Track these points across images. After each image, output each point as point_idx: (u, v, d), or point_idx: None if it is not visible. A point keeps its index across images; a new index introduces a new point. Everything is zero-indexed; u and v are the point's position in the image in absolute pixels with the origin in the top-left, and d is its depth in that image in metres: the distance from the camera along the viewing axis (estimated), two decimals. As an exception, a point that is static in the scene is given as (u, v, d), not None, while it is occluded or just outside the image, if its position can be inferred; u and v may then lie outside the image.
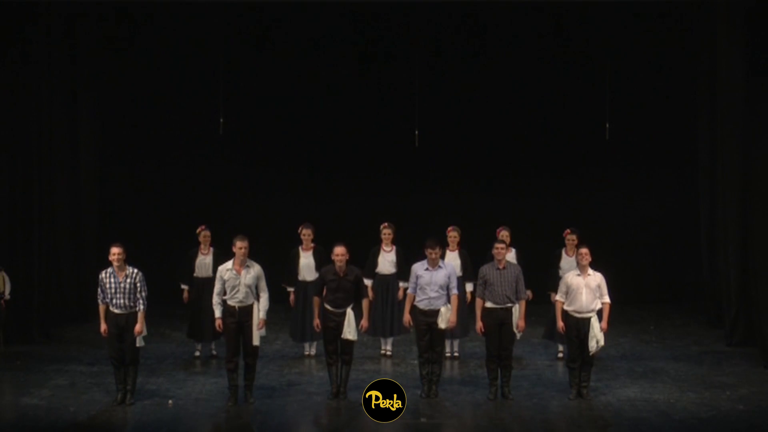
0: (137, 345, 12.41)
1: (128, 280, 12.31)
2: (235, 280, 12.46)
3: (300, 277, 14.93)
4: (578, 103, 19.43)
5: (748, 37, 15.78)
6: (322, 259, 14.68)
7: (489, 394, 12.81)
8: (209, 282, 14.42)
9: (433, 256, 12.75)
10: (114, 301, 12.31)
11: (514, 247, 14.79)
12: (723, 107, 16.28)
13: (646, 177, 19.98)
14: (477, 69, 19.46)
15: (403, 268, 14.38)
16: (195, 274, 14.92)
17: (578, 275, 12.74)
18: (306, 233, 14.85)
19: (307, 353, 15.20)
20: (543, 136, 19.79)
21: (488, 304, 12.73)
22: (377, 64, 19.45)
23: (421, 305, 12.77)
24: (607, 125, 18.49)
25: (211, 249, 14.88)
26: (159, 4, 17.74)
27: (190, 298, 15.01)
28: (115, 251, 12.28)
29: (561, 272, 14.38)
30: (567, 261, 14.51)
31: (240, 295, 12.48)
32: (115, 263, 12.29)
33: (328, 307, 12.70)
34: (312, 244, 14.88)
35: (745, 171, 15.98)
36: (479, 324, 12.74)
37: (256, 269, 12.57)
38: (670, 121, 19.61)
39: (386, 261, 15.01)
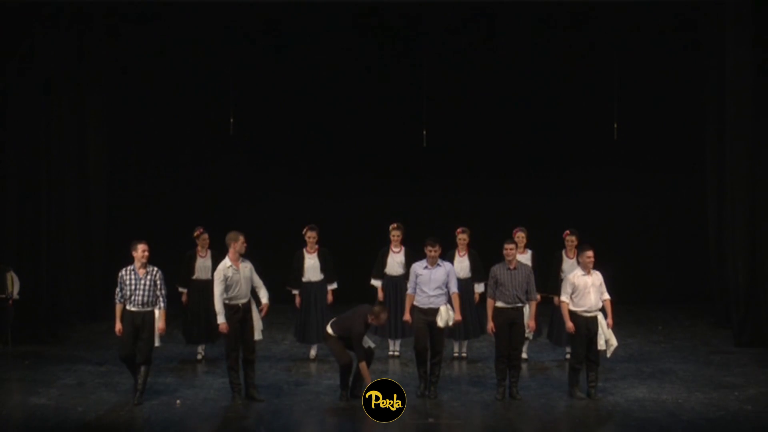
0: (156, 344, 12.55)
1: (149, 277, 12.44)
2: (236, 274, 12.57)
3: (305, 279, 14.86)
4: (586, 103, 19.42)
5: (757, 38, 15.76)
6: (327, 260, 14.72)
7: (497, 394, 12.79)
8: (208, 285, 14.15)
9: (433, 254, 12.81)
10: (133, 298, 12.41)
11: (531, 249, 14.76)
12: (731, 108, 16.25)
13: (655, 177, 19.96)
14: (485, 68, 19.46)
15: None
16: (194, 277, 14.80)
17: (583, 275, 12.73)
18: (310, 236, 14.78)
19: (311, 356, 15.07)
20: (551, 135, 19.77)
21: (499, 304, 12.72)
22: (385, 64, 19.46)
23: (421, 304, 12.82)
24: (616, 125, 18.48)
25: (209, 251, 14.76)
26: (168, 4, 17.76)
27: (189, 301, 14.89)
28: (142, 248, 12.43)
29: (563, 275, 14.36)
30: (568, 263, 14.48)
31: (242, 291, 12.62)
32: (141, 260, 12.41)
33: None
34: (317, 246, 14.81)
35: (753, 170, 15.97)
36: (491, 324, 12.73)
37: (248, 263, 12.76)
38: (679, 121, 19.59)
39: (395, 262, 14.95)
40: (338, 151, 19.90)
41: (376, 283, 14.99)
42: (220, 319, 12.50)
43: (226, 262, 12.62)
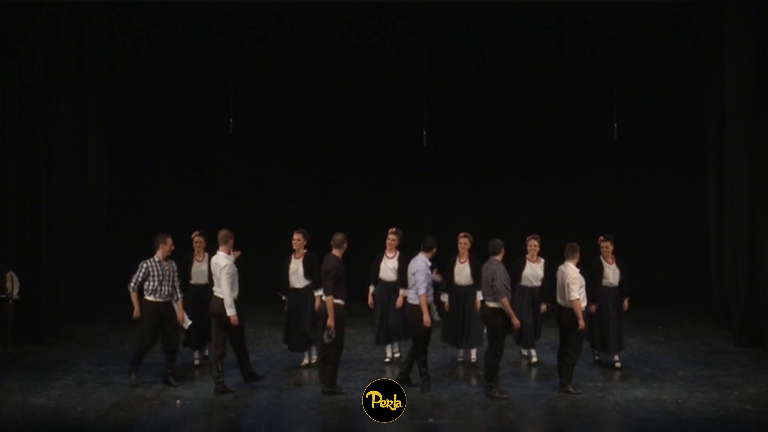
0: (185, 327, 13.48)
1: (172, 268, 13.34)
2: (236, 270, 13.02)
3: (291, 284, 14.25)
4: (586, 103, 19.40)
5: (757, 38, 15.76)
6: (313, 266, 13.92)
7: (500, 393, 12.78)
8: (206, 289, 13.97)
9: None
10: (160, 288, 13.12)
11: (543, 257, 14.60)
12: (731, 108, 16.25)
13: (655, 177, 19.96)
14: (485, 69, 19.45)
15: (404, 276, 13.70)
16: (191, 282, 14.37)
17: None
18: (295, 239, 14.07)
19: (304, 363, 14.56)
20: (551, 136, 19.76)
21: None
22: (386, 64, 19.45)
23: (431, 300, 13.04)
24: (616, 126, 18.48)
25: (206, 255, 14.27)
26: (168, 4, 17.75)
27: (186, 305, 14.27)
28: (170, 241, 13.31)
29: (605, 281, 14.30)
30: (610, 268, 14.36)
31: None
32: (167, 253, 13.24)
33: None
34: (304, 251, 14.11)
35: (753, 170, 15.97)
36: (516, 320, 12.73)
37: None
38: (679, 121, 19.59)
39: (387, 268, 14.50)
40: (338, 151, 19.89)
41: (372, 288, 14.66)
42: (233, 312, 12.84)
43: (229, 257, 12.89)
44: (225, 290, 12.82)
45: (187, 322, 13.50)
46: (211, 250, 14.06)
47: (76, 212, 17.84)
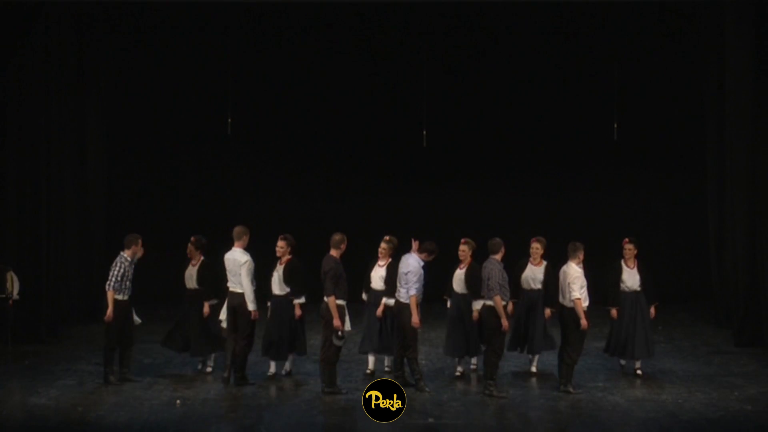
0: (135, 323, 13.57)
1: (133, 268, 13.43)
2: None
3: (272, 291, 13.86)
4: (587, 103, 19.42)
5: (757, 37, 15.77)
6: (292, 273, 13.58)
7: (502, 393, 12.79)
8: (196, 294, 13.96)
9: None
10: (130, 287, 13.30)
11: (546, 260, 14.17)
12: (731, 107, 16.26)
13: (655, 177, 19.97)
14: (485, 68, 19.47)
15: (390, 286, 13.48)
16: (186, 286, 14.14)
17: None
18: (279, 246, 13.63)
19: (270, 373, 14.01)
20: (551, 136, 19.78)
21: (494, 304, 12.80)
22: (385, 64, 19.47)
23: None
24: (616, 125, 18.48)
25: (202, 259, 14.02)
26: (167, 4, 17.77)
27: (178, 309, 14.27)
28: (142, 242, 13.41)
29: (623, 285, 14.04)
30: (629, 273, 14.05)
31: None
32: (136, 254, 13.36)
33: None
34: (287, 257, 13.64)
35: (753, 170, 15.98)
36: (506, 322, 12.80)
37: None
38: (679, 121, 19.60)
39: (377, 276, 13.98)
40: (337, 152, 19.91)
41: (365, 296, 14.23)
42: (254, 306, 13.07)
43: (246, 253, 13.14)
44: (246, 287, 13.03)
45: (138, 320, 13.62)
46: (210, 253, 14.09)
47: (75, 212, 17.85)
